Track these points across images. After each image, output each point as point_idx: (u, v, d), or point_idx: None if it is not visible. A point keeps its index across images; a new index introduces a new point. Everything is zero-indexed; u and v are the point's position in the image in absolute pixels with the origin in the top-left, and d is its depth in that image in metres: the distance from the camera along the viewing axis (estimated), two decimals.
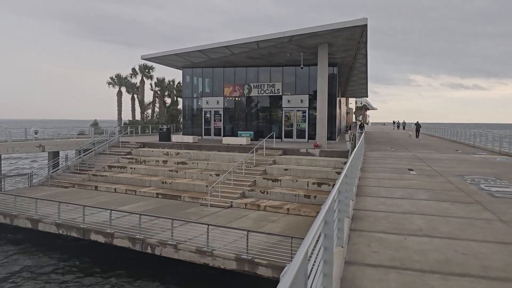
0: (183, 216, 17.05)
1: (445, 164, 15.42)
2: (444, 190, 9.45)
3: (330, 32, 20.80)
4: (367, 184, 10.21)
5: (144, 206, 18.87)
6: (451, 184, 10.41)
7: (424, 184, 10.37)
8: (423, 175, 12.08)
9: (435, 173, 12.71)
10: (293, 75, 29.81)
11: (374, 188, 9.59)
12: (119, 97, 46.95)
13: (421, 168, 14.03)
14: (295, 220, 16.49)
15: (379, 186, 9.84)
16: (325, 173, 20.37)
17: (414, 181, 10.83)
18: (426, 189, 9.56)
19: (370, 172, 12.64)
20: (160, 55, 29.17)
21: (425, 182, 10.73)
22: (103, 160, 26.79)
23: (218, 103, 32.32)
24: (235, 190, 19.85)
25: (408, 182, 10.62)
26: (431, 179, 11.25)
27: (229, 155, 24.32)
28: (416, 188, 9.70)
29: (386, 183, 10.37)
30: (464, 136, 30.62)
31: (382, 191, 9.15)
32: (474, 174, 12.41)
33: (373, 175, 11.96)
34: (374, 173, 12.44)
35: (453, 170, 13.55)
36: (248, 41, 23.74)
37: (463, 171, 13.36)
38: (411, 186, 9.94)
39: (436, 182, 10.67)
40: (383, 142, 30.36)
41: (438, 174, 12.33)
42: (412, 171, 13.04)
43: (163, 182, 22.18)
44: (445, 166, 14.57)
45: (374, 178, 11.34)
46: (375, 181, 10.76)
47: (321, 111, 23.81)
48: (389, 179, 11.23)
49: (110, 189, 22.44)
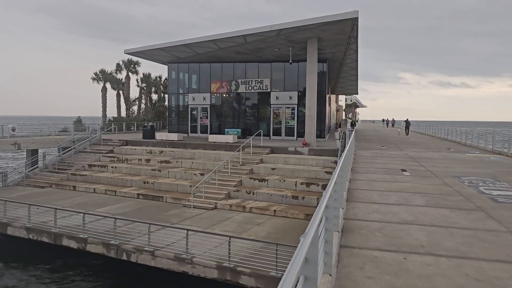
0: (164, 218, 16.13)
1: (439, 164, 14.70)
2: (441, 194, 8.67)
3: (320, 25, 19.95)
4: (358, 187, 9.39)
5: (123, 208, 17.88)
6: (448, 187, 9.64)
7: (419, 187, 9.59)
8: (418, 177, 11.31)
9: (430, 174, 11.95)
10: (281, 71, 28.94)
11: (365, 192, 8.77)
12: (104, 93, 45.60)
13: (415, 168, 13.27)
14: (282, 222, 15.65)
15: (371, 190, 9.02)
16: (314, 173, 19.56)
17: (408, 184, 10.04)
18: (422, 193, 8.77)
19: (361, 173, 11.83)
20: (144, 49, 28.05)
21: (420, 184, 9.95)
22: (83, 159, 25.65)
23: (204, 99, 31.32)
24: (220, 190, 18.95)
25: (402, 185, 9.82)
26: (427, 181, 10.48)
27: (215, 154, 23.40)
28: (411, 191, 8.90)
29: (378, 186, 9.56)
30: (455, 134, 30.09)
31: (374, 196, 8.33)
32: (470, 175, 11.68)
33: (364, 176, 11.16)
34: (366, 174, 11.64)
35: (448, 170, 12.82)
36: (234, 35, 22.79)
37: (458, 171, 12.64)
38: (406, 190, 9.14)
39: (432, 185, 9.89)
40: (374, 140, 29.68)
41: (433, 175, 11.57)
42: (406, 172, 12.27)
43: (145, 182, 21.17)
44: (439, 166, 13.84)
45: (365, 180, 10.53)
46: (366, 183, 9.94)
47: (310, 108, 22.99)
48: (381, 181, 10.42)
49: (89, 189, 21.36)
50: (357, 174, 11.55)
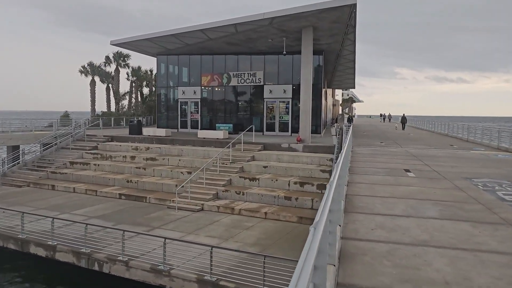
0: (145, 222, 14.81)
1: (444, 162, 13.42)
2: (456, 201, 7.38)
3: (315, 13, 18.56)
4: (358, 192, 8.08)
5: (102, 210, 16.53)
6: (460, 191, 8.36)
7: (428, 191, 8.29)
8: (424, 178, 10.02)
9: (437, 175, 10.67)
10: (275, 64, 27.55)
11: (367, 199, 7.47)
12: (93, 87, 44.09)
13: (419, 168, 11.99)
14: (273, 226, 14.36)
15: (373, 196, 7.73)
16: (309, 171, 18.26)
17: (415, 187, 8.74)
18: (432, 199, 7.48)
19: (360, 174, 10.53)
20: (130, 40, 26.57)
21: (428, 188, 8.65)
22: (65, 156, 24.22)
23: (195, 93, 29.90)
24: (207, 190, 17.63)
25: (408, 189, 8.53)
26: (435, 184, 9.19)
27: (204, 151, 22.04)
28: (420, 198, 7.61)
29: (381, 191, 8.26)
30: (456, 130, 28.88)
31: (377, 204, 7.03)
32: (482, 177, 10.40)
33: (364, 178, 9.85)
34: (365, 175, 10.34)
35: (456, 170, 11.55)
36: (225, 24, 21.35)
37: (467, 171, 11.37)
38: (413, 195, 7.85)
39: (442, 189, 8.60)
40: (372, 136, 28.42)
41: (441, 177, 10.29)
42: (410, 173, 10.98)
43: (128, 181, 19.81)
44: (446, 166, 12.56)
45: (365, 183, 9.22)
46: (367, 187, 8.64)
47: (305, 102, 21.64)
48: (383, 184, 9.13)
49: (69, 189, 19.98)
50: (356, 175, 10.25)
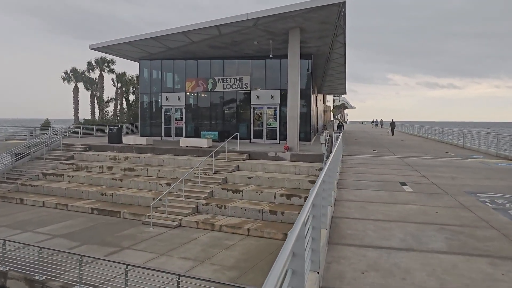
0: (114, 241, 13.38)
1: (442, 173, 12.20)
2: (464, 225, 6.12)
3: (302, 13, 17.39)
4: (346, 214, 6.79)
5: (69, 227, 15.06)
6: (467, 211, 7.11)
7: (429, 212, 7.03)
8: (423, 194, 8.76)
9: (437, 189, 9.43)
10: (262, 68, 26.35)
11: (356, 223, 6.18)
12: (76, 94, 42.52)
13: (416, 180, 10.75)
14: (256, 245, 13.01)
15: (365, 219, 6.44)
16: (296, 182, 16.97)
17: (413, 206, 7.47)
18: (436, 223, 6.20)
19: (350, 189, 9.24)
20: (110, 44, 25.21)
21: (429, 207, 7.39)
22: (38, 166, 22.70)
23: (179, 99, 28.55)
24: (186, 204, 16.25)
25: (406, 209, 7.25)
26: (436, 201, 7.94)
27: (186, 160, 20.67)
28: (420, 221, 6.33)
29: (374, 211, 6.98)
30: (451, 136, 27.81)
31: (370, 231, 5.74)
32: (488, 190, 9.18)
33: (354, 195, 8.57)
34: (356, 191, 9.05)
35: (457, 183, 10.33)
36: (207, 26, 20.11)
37: (470, 184, 10.16)
38: (413, 217, 6.57)
39: (445, 208, 7.35)
40: (364, 143, 27.25)
41: (442, 191, 9.05)
42: (406, 186, 9.72)
43: (103, 194, 18.36)
44: (445, 177, 11.34)
45: (355, 200, 7.94)
46: (357, 207, 7.35)
47: (292, 107, 20.39)
48: (377, 202, 7.85)
49: (38, 203, 18.48)
50: (345, 191, 8.95)
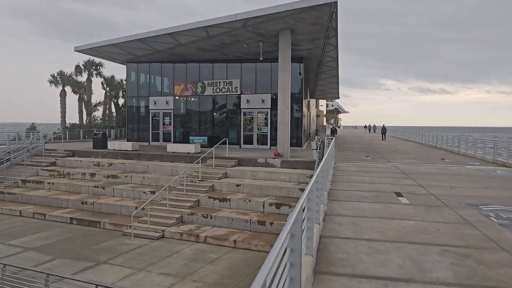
0: (90, 254, 12.49)
1: (440, 182, 11.50)
2: (470, 245, 5.37)
3: (292, 14, 16.70)
4: (337, 232, 6.02)
5: (44, 239, 14.12)
6: (471, 227, 6.37)
7: (430, 229, 6.27)
8: (421, 207, 8.02)
9: (435, 200, 8.70)
10: (253, 72, 25.61)
11: (348, 244, 5.41)
12: (63, 98, 41.46)
13: (412, 190, 10.01)
14: (242, 259, 12.18)
15: (358, 239, 5.67)
16: (286, 190, 16.19)
17: (411, 222, 6.72)
18: (438, 244, 5.45)
19: (342, 201, 8.48)
20: (95, 46, 24.36)
21: (429, 223, 6.64)
22: (18, 173, 21.70)
23: (167, 103, 27.71)
24: (171, 213, 15.38)
25: (403, 225, 6.50)
26: (436, 216, 7.20)
27: (173, 167, 19.80)
28: (421, 242, 5.58)
29: (368, 229, 6.22)
30: (446, 141, 27.23)
31: (363, 255, 4.97)
32: (491, 203, 8.47)
33: (346, 208, 7.80)
34: (348, 203, 8.29)
35: (457, 193, 9.62)
36: (194, 27, 19.36)
37: (471, 195, 9.44)
38: (412, 237, 5.82)
39: (446, 224, 6.61)
40: (357, 149, 26.58)
41: (441, 204, 8.32)
42: (402, 197, 8.98)
43: (83, 202, 17.44)
44: (443, 187, 10.63)
45: (347, 215, 7.17)
46: (349, 223, 6.58)
47: (282, 112, 19.64)
48: (371, 217, 7.09)
49: (15, 212, 17.50)
50: (336, 204, 8.19)
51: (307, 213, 4.35)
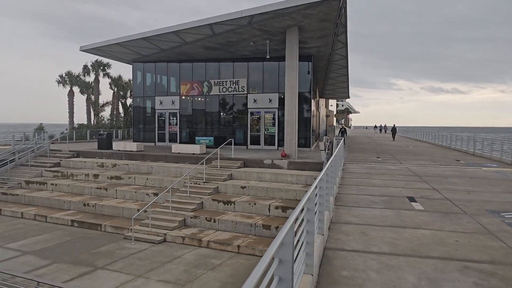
0: (88, 259, 12.03)
1: (456, 185, 10.79)
2: (494, 261, 4.73)
3: (300, 9, 16.09)
4: (343, 244, 5.42)
5: (43, 242, 13.72)
6: (494, 237, 5.72)
7: (447, 240, 5.63)
8: (436, 213, 7.37)
9: (452, 206, 8.03)
10: (260, 70, 25.04)
11: (355, 258, 4.80)
12: (71, 98, 41.42)
13: (426, 195, 9.34)
14: (246, 264, 11.62)
15: (366, 252, 5.06)
16: (293, 193, 15.59)
17: (426, 232, 6.08)
18: (458, 259, 4.82)
19: (350, 206, 7.87)
20: (100, 46, 24.04)
21: (446, 233, 6.00)
22: (22, 174, 21.43)
23: (173, 103, 27.28)
24: (173, 216, 14.88)
25: (418, 235, 5.87)
26: (454, 224, 6.55)
27: (177, 168, 19.33)
28: (438, 256, 4.95)
29: (377, 240, 5.60)
30: (460, 142, 26.32)
31: (372, 271, 4.37)
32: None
33: (354, 214, 7.19)
34: (357, 209, 7.67)
35: (475, 198, 8.93)
36: (199, 25, 18.87)
37: (490, 200, 8.75)
38: (427, 250, 5.19)
39: (466, 234, 5.96)
40: (367, 149, 25.84)
41: (459, 210, 7.65)
42: (415, 203, 8.33)
43: (85, 204, 17.05)
44: (459, 191, 9.94)
45: (355, 223, 6.56)
46: (357, 232, 5.98)
47: (290, 111, 19.03)
48: (382, 225, 6.47)
49: (16, 214, 17.18)
50: (344, 209, 7.57)
51: (306, 225, 3.77)
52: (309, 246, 3.80)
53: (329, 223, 6.28)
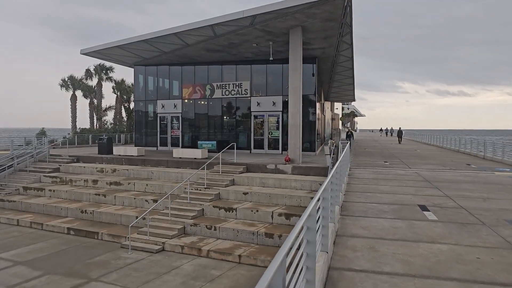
0: (82, 270, 11.48)
1: (470, 192, 10.13)
2: None
3: (303, 9, 15.53)
4: (350, 262, 4.81)
5: (37, 251, 13.19)
6: None
7: (467, 257, 5.01)
8: (452, 224, 6.74)
9: (468, 215, 7.39)
10: (263, 73, 24.50)
11: (364, 280, 4.21)
12: (73, 102, 41.13)
13: (439, 203, 8.70)
14: (247, 276, 11.01)
15: (376, 272, 4.45)
16: (297, 199, 14.96)
17: (443, 247, 5.45)
18: (482, 281, 4.20)
19: (357, 216, 7.25)
20: (100, 48, 23.62)
21: (465, 248, 5.37)
22: (20, 180, 21.00)
23: (175, 107, 26.80)
24: (172, 224, 14.30)
25: (434, 251, 5.24)
26: (472, 237, 5.91)
27: (178, 173, 18.79)
28: (458, 277, 4.33)
29: (388, 257, 4.99)
30: (470, 145, 25.55)
31: None
32: None
33: (361, 226, 6.58)
34: (364, 219, 7.06)
35: (492, 206, 8.27)
36: (200, 26, 18.38)
37: (509, 208, 8.10)
38: (446, 270, 4.57)
39: (487, 249, 5.32)
40: (374, 153, 25.16)
41: (476, 220, 7.01)
42: (428, 212, 7.70)
43: (83, 211, 16.53)
44: (474, 198, 9.29)
45: (363, 236, 5.95)
46: (365, 247, 5.36)
47: (294, 115, 18.43)
48: (392, 239, 5.86)
49: (12, 221, 16.70)
50: (350, 220, 6.96)
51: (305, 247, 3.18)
52: (310, 272, 3.21)
53: (334, 237, 5.68)
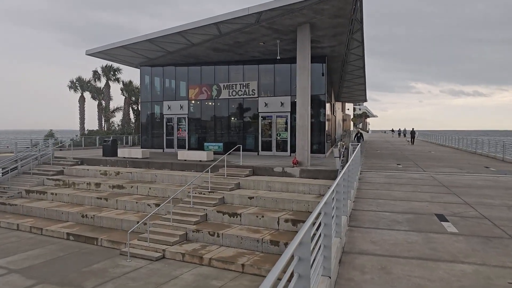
0: (77, 279, 10.93)
1: (491, 199, 9.30)
2: None
3: (311, 4, 14.81)
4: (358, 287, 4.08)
5: (34, 258, 12.70)
6: None
7: (498, 283, 4.26)
8: (475, 238, 5.96)
9: (492, 227, 6.60)
10: (271, 73, 23.81)
11: None
12: (82, 104, 40.99)
13: (459, 211, 7.90)
14: (250, 287, 10.32)
15: None
16: (305, 204, 14.23)
17: (467, 267, 4.70)
18: None
19: (367, 228, 6.52)
20: (105, 49, 23.20)
21: (493, 269, 4.61)
22: (23, 182, 20.64)
23: (182, 108, 26.26)
24: (174, 230, 13.69)
25: (456, 274, 4.50)
26: (500, 256, 5.14)
27: (182, 176, 18.22)
28: None
29: (404, 280, 4.26)
30: (488, 147, 24.48)
31: None
32: None
33: (372, 240, 5.84)
34: (375, 231, 6.32)
35: None
36: (204, 24, 17.78)
37: None
38: None
39: None
40: (386, 155, 24.28)
41: (502, 233, 6.23)
42: (447, 222, 6.92)
43: (84, 216, 16.05)
44: (496, 205, 8.46)
45: (374, 254, 5.22)
46: (376, 268, 4.64)
47: (302, 115, 17.70)
48: (407, 256, 5.12)
49: (12, 226, 16.29)
50: (360, 233, 6.23)
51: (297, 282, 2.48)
52: None
53: (340, 255, 4.97)
